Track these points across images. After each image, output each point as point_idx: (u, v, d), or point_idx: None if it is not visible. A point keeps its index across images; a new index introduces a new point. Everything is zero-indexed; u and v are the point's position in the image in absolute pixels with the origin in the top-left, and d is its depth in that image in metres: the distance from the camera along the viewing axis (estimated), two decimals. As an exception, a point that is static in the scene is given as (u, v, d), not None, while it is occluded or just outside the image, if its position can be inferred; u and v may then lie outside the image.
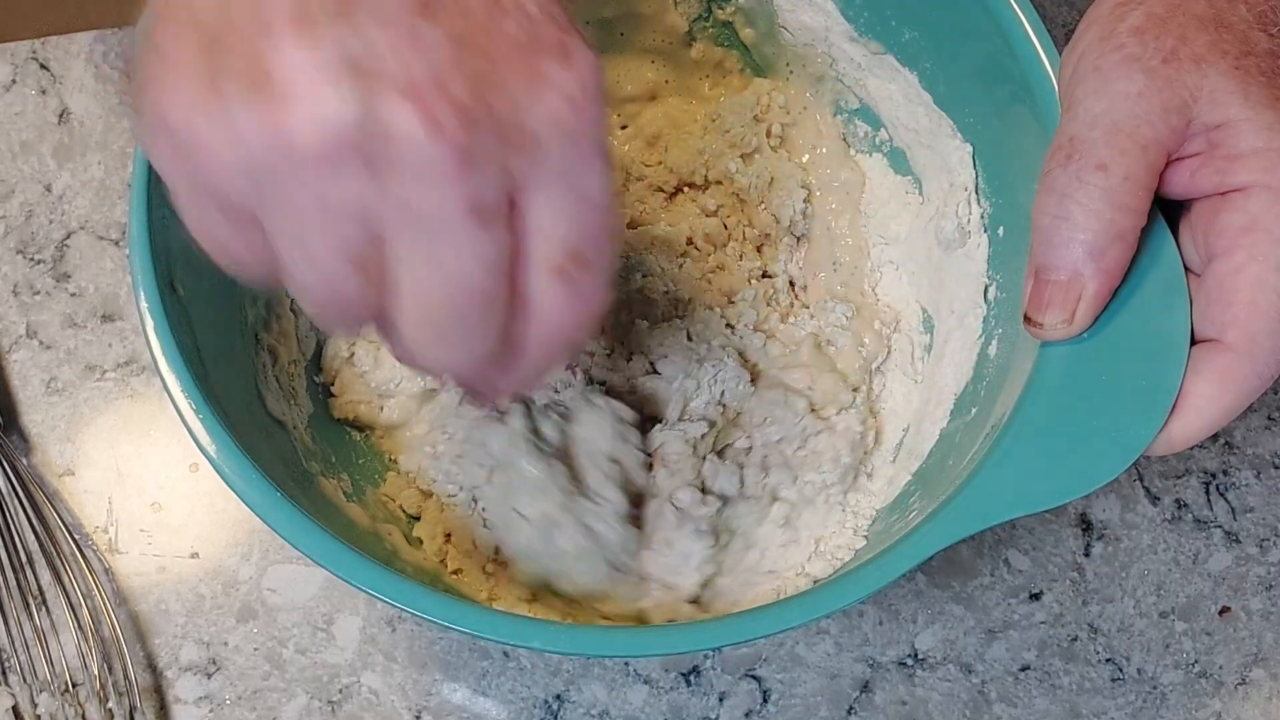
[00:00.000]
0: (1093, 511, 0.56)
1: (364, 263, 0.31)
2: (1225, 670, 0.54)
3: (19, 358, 0.55)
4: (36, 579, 0.52)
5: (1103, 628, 0.54)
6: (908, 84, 0.51)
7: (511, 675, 0.52)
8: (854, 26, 0.52)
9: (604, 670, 0.52)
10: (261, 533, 0.53)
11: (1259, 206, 0.38)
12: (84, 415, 0.55)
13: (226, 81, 0.29)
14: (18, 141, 0.58)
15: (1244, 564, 0.56)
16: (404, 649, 0.52)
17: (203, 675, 0.52)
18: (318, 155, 0.29)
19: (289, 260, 0.31)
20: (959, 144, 0.50)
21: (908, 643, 0.54)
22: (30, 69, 0.59)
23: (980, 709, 0.53)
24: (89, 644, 0.50)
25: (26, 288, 0.56)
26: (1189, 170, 0.40)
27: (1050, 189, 0.40)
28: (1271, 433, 0.58)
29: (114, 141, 0.58)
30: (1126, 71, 0.39)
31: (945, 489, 0.42)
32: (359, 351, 0.52)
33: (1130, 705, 0.54)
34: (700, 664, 0.53)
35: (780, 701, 0.53)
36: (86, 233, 0.57)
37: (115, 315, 0.56)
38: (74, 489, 0.54)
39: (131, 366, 0.55)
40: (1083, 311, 0.40)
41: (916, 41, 0.50)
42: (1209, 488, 0.57)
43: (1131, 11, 0.40)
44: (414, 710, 0.52)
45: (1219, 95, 0.39)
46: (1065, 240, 0.39)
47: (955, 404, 0.48)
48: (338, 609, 0.53)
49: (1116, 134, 0.39)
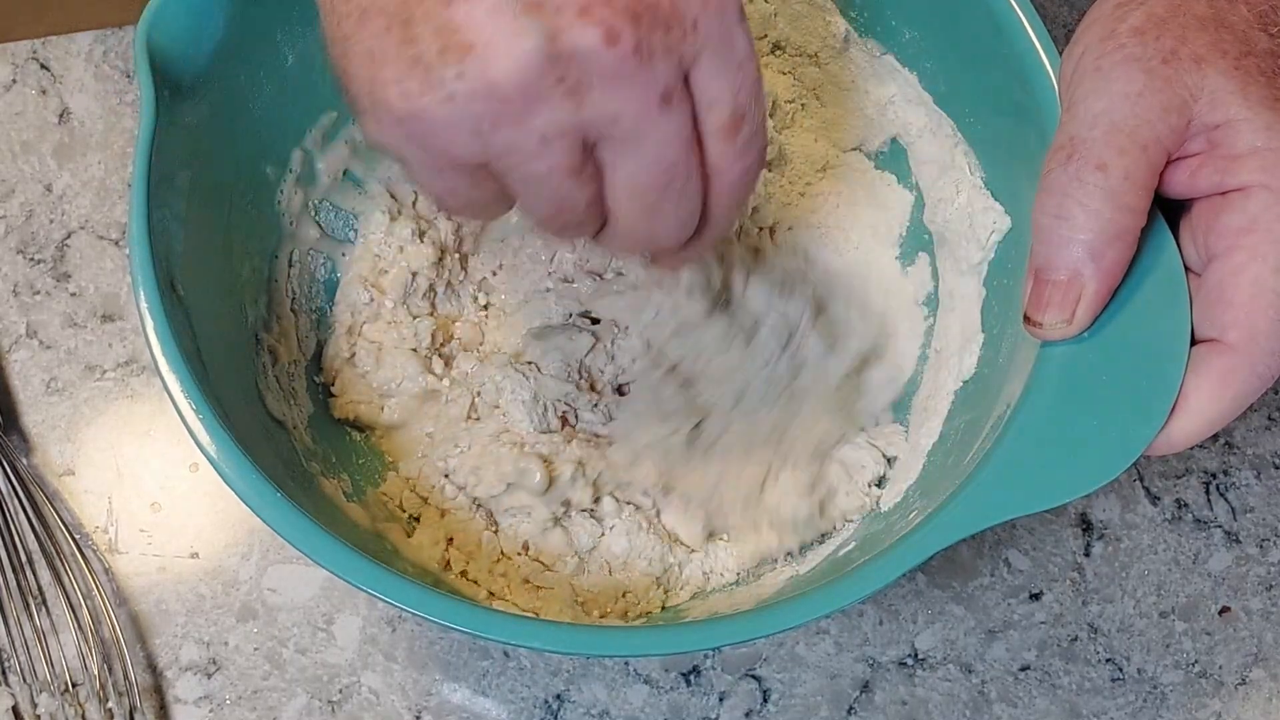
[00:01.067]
0: (1093, 511, 0.56)
1: (581, 170, 0.35)
2: (1225, 670, 0.54)
3: (19, 358, 0.55)
4: (36, 579, 0.52)
5: (1103, 628, 0.54)
6: (908, 84, 0.51)
7: (511, 675, 0.52)
8: (854, 27, 0.52)
9: (604, 670, 0.52)
10: (261, 533, 0.53)
11: (1259, 207, 0.38)
12: (84, 415, 0.55)
13: (429, 55, 0.32)
14: (18, 141, 0.58)
15: (1244, 564, 0.56)
16: (404, 649, 0.52)
17: (203, 675, 0.52)
18: (522, 91, 0.32)
19: (521, 191, 0.36)
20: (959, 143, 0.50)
21: (908, 643, 0.54)
22: (30, 69, 0.59)
23: (980, 709, 0.53)
24: (89, 644, 0.50)
25: (26, 288, 0.56)
26: (1189, 170, 0.40)
27: (1050, 189, 0.40)
28: (1271, 433, 0.58)
29: (114, 141, 0.58)
30: (1126, 71, 0.39)
31: (945, 489, 0.42)
32: (360, 352, 0.52)
33: (1130, 705, 0.54)
34: (700, 664, 0.53)
35: (780, 701, 0.53)
36: (86, 233, 0.57)
37: (115, 315, 0.56)
38: (74, 489, 0.54)
39: (131, 366, 0.55)
40: (1082, 311, 0.40)
41: (916, 41, 0.50)
42: (1209, 488, 0.57)
43: (1132, 12, 0.40)
44: (414, 710, 0.52)
45: (1219, 95, 0.39)
46: (1065, 240, 0.39)
47: (955, 403, 0.48)
48: (338, 609, 0.53)
49: (1116, 134, 0.39)
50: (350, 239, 0.54)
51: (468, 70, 0.32)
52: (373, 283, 0.53)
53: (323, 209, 0.53)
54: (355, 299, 0.53)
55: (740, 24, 0.34)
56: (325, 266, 0.53)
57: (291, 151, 0.51)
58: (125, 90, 0.59)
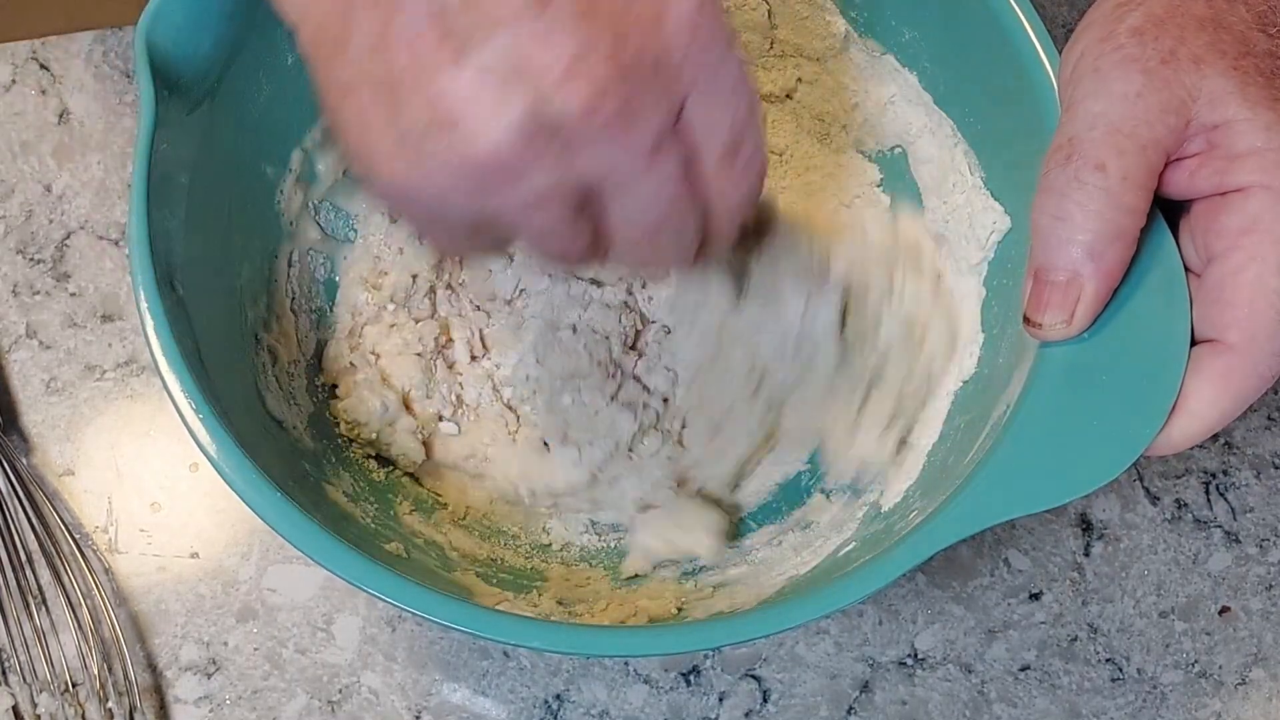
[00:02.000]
0: (1093, 511, 0.56)
1: (580, 218, 0.35)
2: (1225, 670, 0.54)
3: (19, 358, 0.55)
4: (36, 579, 0.52)
5: (1103, 628, 0.54)
6: (908, 84, 0.51)
7: (511, 675, 0.52)
8: (854, 27, 0.52)
9: (604, 670, 0.52)
10: (261, 533, 0.53)
11: (1259, 207, 0.38)
12: (84, 415, 0.55)
13: (416, 130, 0.32)
14: (18, 141, 0.58)
15: (1244, 564, 0.56)
16: (404, 649, 0.52)
17: (203, 675, 0.52)
18: (511, 160, 0.32)
19: (522, 239, 0.37)
20: (959, 143, 0.50)
21: (908, 643, 0.54)
22: (30, 69, 0.59)
23: (980, 709, 0.53)
24: (89, 644, 0.50)
25: (26, 288, 0.56)
26: (1188, 170, 0.40)
27: (1049, 189, 0.40)
28: (1271, 433, 0.58)
29: (114, 141, 0.58)
30: (1125, 72, 0.39)
31: (945, 489, 0.42)
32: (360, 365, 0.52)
33: (1130, 705, 0.54)
34: (700, 664, 0.53)
35: (780, 701, 0.53)
36: (86, 233, 0.57)
37: (115, 315, 0.56)
38: (74, 489, 0.54)
39: (131, 366, 0.55)
40: (1082, 312, 0.40)
41: (916, 41, 0.50)
42: (1209, 488, 0.57)
43: (1131, 13, 0.40)
44: (414, 710, 0.52)
45: (1217, 95, 0.39)
46: (1064, 241, 0.39)
47: (955, 404, 0.48)
48: (338, 609, 0.53)
49: (1115, 134, 0.39)
50: (350, 239, 0.54)
51: (455, 144, 0.32)
52: (373, 284, 0.53)
53: (323, 209, 0.53)
54: (356, 300, 0.53)
55: (729, 51, 0.34)
56: (325, 266, 0.53)
57: (291, 151, 0.51)
58: (125, 90, 0.59)
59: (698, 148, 0.35)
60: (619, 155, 0.33)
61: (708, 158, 0.35)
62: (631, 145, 0.33)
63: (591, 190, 0.34)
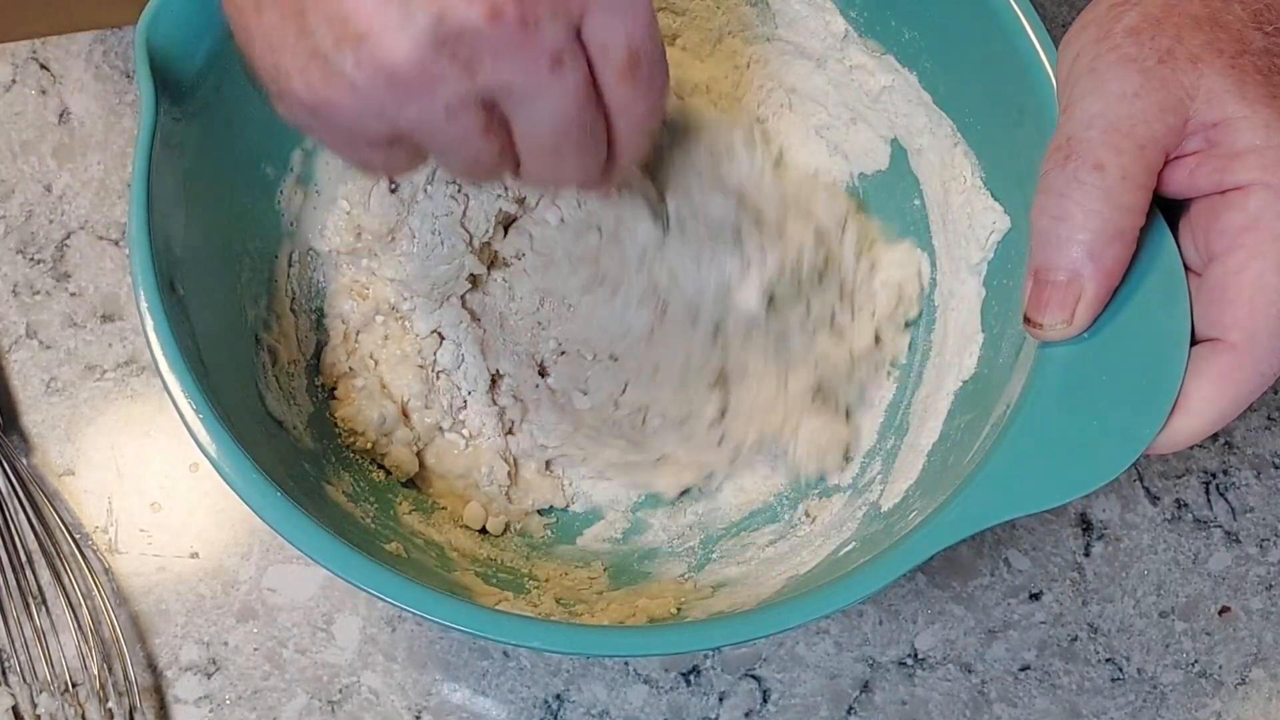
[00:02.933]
0: (1093, 511, 0.56)
1: (489, 128, 0.36)
2: (1225, 670, 0.54)
3: (19, 358, 0.55)
4: (36, 579, 0.52)
5: (1103, 628, 0.54)
6: (908, 84, 0.51)
7: (511, 675, 0.52)
8: (854, 27, 0.52)
9: (604, 670, 0.52)
10: (261, 533, 0.53)
11: (1259, 205, 0.38)
12: (84, 415, 0.55)
13: (324, 46, 0.34)
14: (18, 141, 0.58)
15: (1244, 564, 0.56)
16: (404, 649, 0.52)
17: (203, 675, 0.52)
18: (418, 72, 0.34)
19: (435, 153, 0.38)
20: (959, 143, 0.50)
21: (908, 643, 0.54)
22: (30, 69, 0.59)
23: (980, 709, 0.53)
24: (89, 644, 0.50)
25: (26, 288, 0.56)
26: (1187, 169, 0.40)
27: (1048, 189, 0.40)
28: (1271, 433, 0.58)
29: (114, 141, 0.58)
30: (1122, 72, 0.39)
31: (945, 489, 0.42)
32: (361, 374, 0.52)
33: (1130, 705, 0.54)
34: (700, 664, 0.53)
35: (780, 701, 0.53)
36: (86, 233, 0.57)
37: (115, 315, 0.56)
38: (74, 489, 0.54)
39: (131, 366, 0.55)
40: (1082, 312, 0.40)
41: (916, 41, 0.50)
42: (1209, 488, 0.57)
43: (1127, 12, 0.40)
44: (414, 710, 0.52)
45: (1215, 94, 0.39)
46: (1064, 241, 0.39)
47: (955, 403, 0.48)
48: (338, 609, 0.53)
49: (1113, 134, 0.39)
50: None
51: (363, 59, 0.33)
52: (359, 294, 0.53)
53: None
54: (343, 309, 0.53)
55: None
56: (321, 269, 0.53)
57: (291, 151, 0.51)
58: (125, 90, 0.59)
59: (598, 63, 0.36)
60: (522, 65, 0.34)
61: (608, 71, 0.37)
62: (533, 56, 0.34)
63: (498, 102, 0.36)
